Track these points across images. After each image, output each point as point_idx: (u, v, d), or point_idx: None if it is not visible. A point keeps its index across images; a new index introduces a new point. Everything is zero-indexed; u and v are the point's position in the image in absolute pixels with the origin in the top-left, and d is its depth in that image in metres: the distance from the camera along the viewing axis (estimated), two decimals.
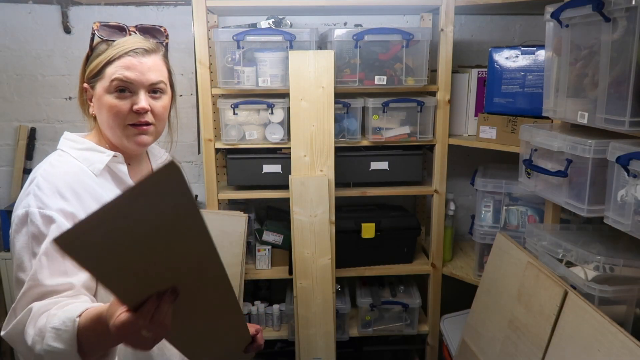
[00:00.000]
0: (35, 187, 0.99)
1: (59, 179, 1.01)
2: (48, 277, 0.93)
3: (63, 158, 1.07)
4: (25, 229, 0.97)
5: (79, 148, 1.09)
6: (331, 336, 1.98)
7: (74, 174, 1.04)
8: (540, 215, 1.93)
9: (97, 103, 1.10)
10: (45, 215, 0.96)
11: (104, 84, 1.07)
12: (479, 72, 2.12)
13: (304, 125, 1.95)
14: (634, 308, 1.35)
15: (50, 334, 0.86)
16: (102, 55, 1.08)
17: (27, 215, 0.97)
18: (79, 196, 1.01)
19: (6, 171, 2.45)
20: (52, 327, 0.86)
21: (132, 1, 2.31)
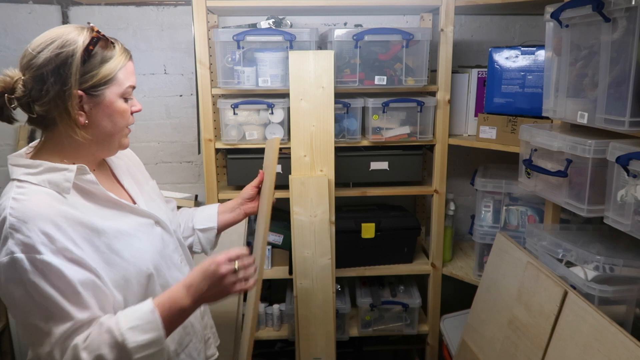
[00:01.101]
0: (10, 230, 0.93)
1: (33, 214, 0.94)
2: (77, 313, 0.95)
3: (25, 189, 0.99)
4: (18, 278, 0.92)
5: (36, 172, 1.01)
6: (331, 336, 1.98)
7: (45, 203, 0.97)
8: (540, 215, 1.93)
9: (103, 110, 1.05)
10: (36, 261, 0.92)
11: (117, 90, 1.06)
12: (479, 72, 2.12)
13: (304, 125, 1.95)
14: (634, 308, 1.35)
15: (132, 334, 0.95)
16: (113, 61, 1.05)
17: (14, 262, 0.92)
18: (57, 226, 0.96)
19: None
20: (129, 327, 0.95)
21: (132, 1, 2.31)
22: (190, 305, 1.03)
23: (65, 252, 0.95)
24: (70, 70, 0.99)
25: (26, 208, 0.95)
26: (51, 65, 0.98)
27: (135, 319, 0.97)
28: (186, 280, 1.04)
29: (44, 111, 1.00)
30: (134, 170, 1.27)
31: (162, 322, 0.99)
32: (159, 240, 1.17)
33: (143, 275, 1.08)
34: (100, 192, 1.07)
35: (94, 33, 1.03)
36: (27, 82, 1.00)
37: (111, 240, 1.04)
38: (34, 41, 1.02)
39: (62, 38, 1.00)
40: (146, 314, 0.98)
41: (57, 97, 0.99)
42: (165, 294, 1.03)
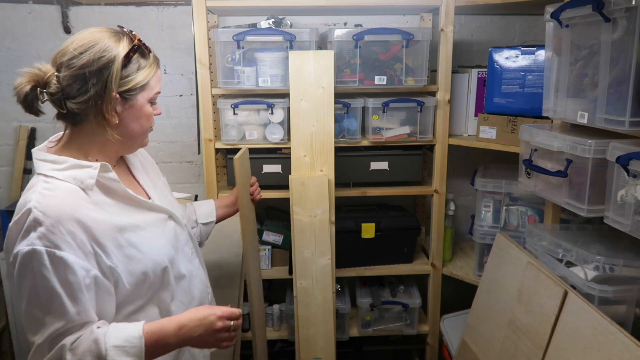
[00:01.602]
0: (33, 223, 0.97)
1: (58, 210, 0.99)
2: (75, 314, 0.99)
3: (51, 184, 1.03)
4: (32, 268, 0.97)
5: (62, 168, 1.06)
6: (331, 336, 1.98)
7: (70, 200, 1.02)
8: (540, 215, 1.93)
9: (134, 113, 1.11)
10: (54, 255, 0.97)
11: (148, 95, 1.12)
12: (479, 72, 2.12)
13: (304, 125, 1.95)
14: (634, 308, 1.35)
15: (115, 352, 0.99)
16: (147, 68, 1.11)
17: (33, 254, 0.96)
18: (81, 224, 1.01)
19: (6, 171, 2.45)
20: (114, 345, 0.99)
21: (132, 1, 2.31)
22: (175, 343, 1.07)
23: (83, 250, 1.00)
24: (111, 73, 1.04)
25: (52, 204, 0.99)
26: (93, 67, 1.03)
27: (123, 340, 1.01)
28: (181, 319, 1.08)
29: (78, 109, 1.06)
30: (147, 167, 1.33)
31: (145, 351, 1.02)
32: (172, 234, 1.22)
33: (159, 268, 1.13)
34: (121, 189, 1.11)
35: (136, 41, 1.09)
36: (62, 79, 1.05)
37: (131, 236, 1.09)
38: (75, 40, 1.06)
39: (105, 42, 1.05)
40: (134, 338, 1.02)
41: (96, 97, 1.04)
42: (157, 324, 1.06)
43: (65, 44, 1.07)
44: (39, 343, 1.00)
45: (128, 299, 1.10)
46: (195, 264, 1.30)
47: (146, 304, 1.15)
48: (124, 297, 1.09)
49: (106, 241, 1.04)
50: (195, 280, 1.27)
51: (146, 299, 1.14)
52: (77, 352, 0.99)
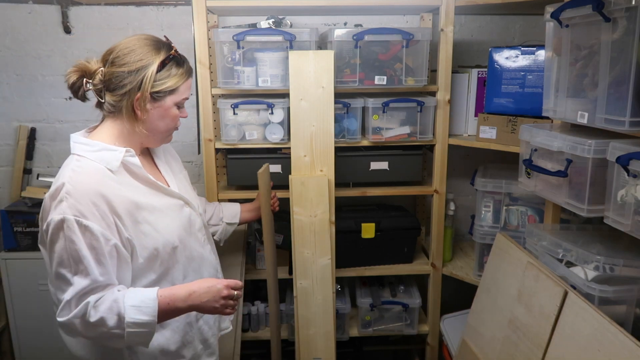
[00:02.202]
0: (65, 194, 1.13)
1: (86, 185, 1.15)
2: (99, 275, 1.14)
3: (83, 162, 1.20)
4: (63, 234, 1.12)
5: (94, 150, 1.22)
6: (331, 336, 1.98)
7: (97, 177, 1.19)
8: (540, 215, 1.93)
9: (161, 112, 1.28)
10: (81, 223, 1.12)
11: (176, 98, 1.29)
12: (479, 72, 2.12)
13: (304, 125, 1.95)
14: (634, 308, 1.35)
15: (132, 310, 1.13)
16: (179, 76, 1.28)
17: (63, 221, 1.12)
18: (105, 198, 1.17)
19: (6, 171, 2.45)
20: (131, 305, 1.13)
21: (132, 1, 2.31)
22: (184, 308, 1.21)
23: (106, 221, 1.16)
24: (146, 75, 1.22)
25: (81, 180, 1.16)
26: (132, 67, 1.22)
27: (139, 300, 1.15)
28: (191, 286, 1.23)
29: (114, 101, 1.23)
30: (170, 160, 1.50)
31: (158, 311, 1.15)
32: (186, 219, 1.38)
33: (169, 246, 1.29)
34: (142, 173, 1.28)
35: (172, 52, 1.28)
36: (106, 74, 1.23)
37: (147, 215, 1.25)
38: (123, 42, 1.26)
39: (146, 48, 1.24)
40: (149, 299, 1.15)
41: (130, 93, 1.22)
42: (170, 289, 1.21)
43: (115, 44, 1.26)
44: (67, 299, 1.13)
45: (142, 272, 1.25)
46: (207, 249, 1.46)
47: (159, 279, 1.29)
48: (138, 270, 1.24)
49: (124, 215, 1.20)
50: (205, 263, 1.43)
51: (158, 275, 1.28)
52: (99, 309, 1.12)
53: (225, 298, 1.23)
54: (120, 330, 1.13)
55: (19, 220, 2.25)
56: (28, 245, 2.27)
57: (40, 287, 2.28)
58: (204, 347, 1.44)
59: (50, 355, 2.36)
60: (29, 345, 2.35)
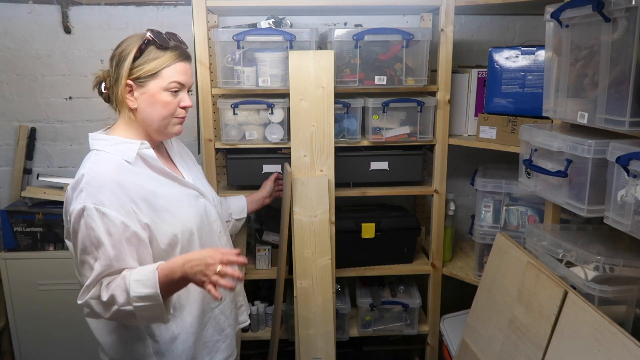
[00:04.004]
0: (85, 185, 1.20)
1: (104, 175, 1.22)
2: (115, 261, 1.20)
3: (101, 156, 1.27)
4: (84, 221, 1.18)
5: (111, 144, 1.29)
6: (331, 336, 1.98)
7: (114, 168, 1.25)
8: (540, 215, 1.93)
9: (147, 99, 1.30)
10: (100, 211, 1.18)
11: (161, 83, 1.30)
12: (479, 72, 2.12)
13: (304, 125, 1.95)
14: (634, 308, 1.35)
15: (135, 285, 1.16)
16: (160, 59, 1.29)
17: (83, 210, 1.18)
18: (122, 187, 1.23)
19: (6, 171, 2.45)
20: (135, 279, 1.17)
21: (132, 1, 2.31)
22: (179, 278, 1.18)
23: (124, 209, 1.21)
24: (125, 64, 1.27)
25: (100, 171, 1.23)
26: (115, 60, 1.29)
27: (141, 275, 1.19)
28: (189, 255, 1.22)
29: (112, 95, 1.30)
30: (185, 156, 1.56)
31: (158, 283, 1.17)
32: (202, 209, 1.43)
33: (188, 232, 1.34)
34: (156, 164, 1.34)
35: (147, 37, 1.28)
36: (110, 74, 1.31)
37: (165, 202, 1.31)
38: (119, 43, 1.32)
39: (132, 39, 1.29)
40: (149, 272, 1.19)
41: (116, 84, 1.29)
42: (168, 263, 1.22)
43: None
44: (88, 284, 1.20)
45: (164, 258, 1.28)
46: (223, 241, 1.52)
47: None
48: (160, 256, 1.28)
49: (142, 202, 1.25)
50: None
51: None
52: (109, 287, 1.19)
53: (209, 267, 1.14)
54: (129, 306, 1.17)
55: (19, 220, 2.26)
56: (28, 245, 2.27)
57: (40, 287, 2.28)
58: (221, 337, 1.48)
59: (50, 355, 2.36)
60: (29, 345, 2.35)
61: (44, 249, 2.28)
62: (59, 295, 2.28)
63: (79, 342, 2.32)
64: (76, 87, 2.39)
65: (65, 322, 2.31)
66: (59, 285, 2.27)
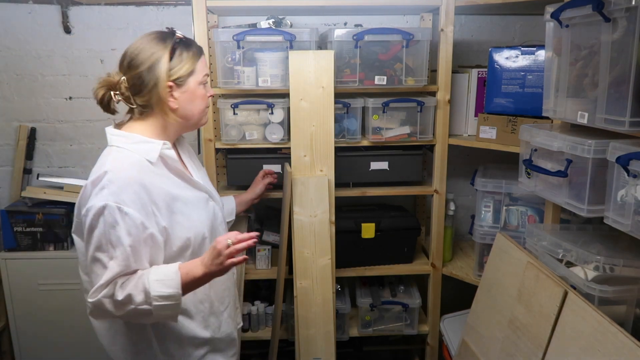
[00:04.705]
0: (107, 182, 1.18)
1: (127, 174, 1.20)
2: (133, 262, 1.19)
3: (122, 154, 1.25)
4: (103, 219, 1.16)
5: (132, 142, 1.27)
6: (331, 336, 1.98)
7: (138, 167, 1.23)
8: (540, 215, 1.93)
9: (188, 96, 1.31)
10: (122, 210, 1.16)
11: (197, 78, 1.32)
12: (479, 72, 2.12)
13: (304, 125, 1.95)
14: (634, 308, 1.35)
15: (156, 284, 1.18)
16: (192, 56, 1.31)
17: (105, 208, 1.16)
18: (145, 187, 1.21)
19: (6, 171, 2.45)
20: (155, 279, 1.18)
21: (132, 1, 2.31)
22: (202, 276, 1.23)
23: (145, 210, 1.20)
24: (162, 67, 1.25)
25: (123, 169, 1.21)
26: (147, 64, 1.25)
27: (162, 274, 1.20)
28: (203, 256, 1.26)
29: (144, 101, 1.27)
30: (192, 156, 1.55)
31: (180, 283, 1.20)
32: (212, 213, 1.44)
33: (200, 236, 1.34)
34: (175, 165, 1.33)
35: (177, 36, 1.30)
36: (128, 81, 1.26)
37: (181, 206, 1.30)
38: (130, 47, 1.28)
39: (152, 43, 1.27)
40: (171, 272, 1.21)
41: (155, 89, 1.26)
42: (187, 263, 1.26)
43: (125, 50, 1.29)
44: (101, 283, 1.17)
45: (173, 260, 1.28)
46: None
47: None
48: (170, 257, 1.28)
49: (162, 205, 1.25)
50: None
51: None
52: (125, 287, 1.18)
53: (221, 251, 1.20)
54: (148, 305, 1.18)
55: (19, 220, 2.26)
56: (28, 245, 2.27)
57: (40, 287, 2.28)
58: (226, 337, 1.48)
59: (50, 355, 2.36)
60: (29, 345, 2.35)
61: (44, 249, 2.28)
62: (59, 295, 2.28)
63: (79, 341, 2.32)
64: (76, 87, 2.39)
65: (65, 322, 2.31)
66: (59, 285, 2.27)
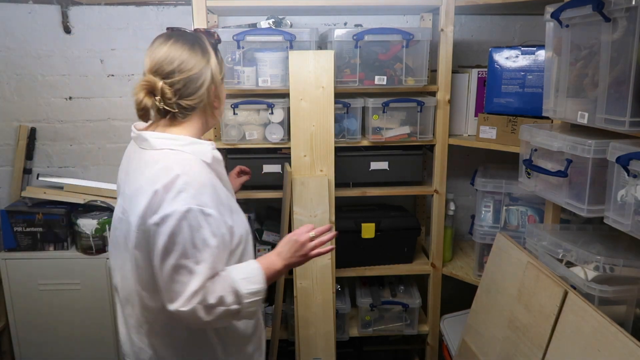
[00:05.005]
0: (184, 185, 1.12)
1: (200, 175, 1.17)
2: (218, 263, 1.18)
3: (182, 156, 1.19)
4: (188, 223, 1.12)
5: (184, 144, 1.21)
6: (331, 336, 1.98)
7: (204, 168, 1.20)
8: (540, 215, 1.93)
9: (222, 94, 1.29)
10: (205, 212, 1.13)
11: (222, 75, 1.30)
12: (479, 72, 2.12)
13: (304, 125, 1.95)
14: (634, 308, 1.35)
15: (244, 283, 1.19)
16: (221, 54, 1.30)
17: (188, 212, 1.12)
18: (214, 188, 1.20)
19: (6, 171, 2.45)
20: (241, 278, 1.19)
21: (132, 1, 2.31)
22: (282, 268, 1.29)
23: (219, 210, 1.18)
24: (213, 66, 1.23)
25: (194, 171, 1.16)
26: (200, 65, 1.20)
27: (246, 273, 1.21)
28: (276, 249, 1.31)
29: (194, 103, 1.22)
30: None
31: (264, 278, 1.23)
32: None
33: (246, 233, 1.33)
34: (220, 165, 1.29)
35: (216, 35, 1.29)
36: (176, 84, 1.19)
37: (233, 203, 1.29)
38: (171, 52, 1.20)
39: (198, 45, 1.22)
40: (254, 269, 1.23)
41: (210, 88, 1.23)
42: (261, 258, 1.29)
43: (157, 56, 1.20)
44: (194, 290, 1.13)
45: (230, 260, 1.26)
46: None
47: None
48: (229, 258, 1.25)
49: (226, 204, 1.23)
50: None
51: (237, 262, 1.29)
52: (214, 290, 1.15)
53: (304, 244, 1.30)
54: (238, 305, 1.18)
55: (19, 220, 2.25)
56: (28, 245, 2.27)
57: (40, 287, 2.28)
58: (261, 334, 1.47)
59: (50, 355, 2.36)
60: (29, 345, 2.35)
61: (44, 249, 2.28)
62: (59, 295, 2.28)
63: (79, 341, 2.32)
64: (76, 87, 2.39)
65: (65, 322, 2.31)
66: (59, 285, 2.27)
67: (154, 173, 1.14)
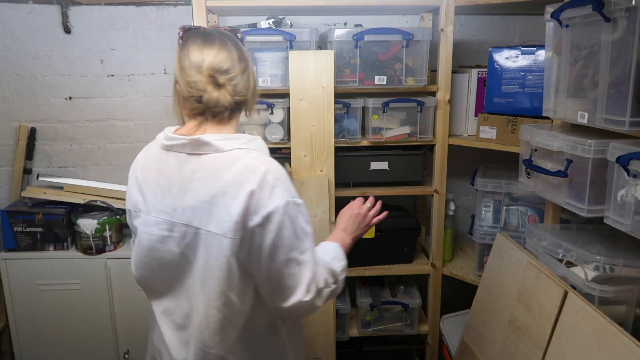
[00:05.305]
0: (276, 181, 1.12)
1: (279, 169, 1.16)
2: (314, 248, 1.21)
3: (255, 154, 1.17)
4: (288, 217, 1.12)
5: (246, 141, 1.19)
6: (331, 336, 1.98)
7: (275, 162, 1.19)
8: (540, 215, 1.93)
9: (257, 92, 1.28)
10: (298, 203, 1.15)
11: None
12: (479, 72, 2.12)
13: (304, 125, 1.95)
14: (634, 308, 1.35)
15: (334, 262, 1.28)
16: None
17: (289, 204, 1.12)
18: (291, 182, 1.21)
19: (6, 171, 2.45)
20: (330, 258, 1.29)
21: (132, 1, 2.31)
22: (351, 242, 1.42)
23: None
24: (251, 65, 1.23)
25: (276, 166, 1.15)
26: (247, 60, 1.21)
27: (332, 252, 1.31)
28: (339, 226, 1.43)
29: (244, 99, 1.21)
30: None
31: (344, 253, 1.35)
32: None
33: None
34: None
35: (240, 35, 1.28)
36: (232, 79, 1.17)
37: None
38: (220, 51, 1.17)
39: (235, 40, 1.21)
40: (335, 248, 1.33)
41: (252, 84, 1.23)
42: (332, 236, 1.40)
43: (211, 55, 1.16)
44: (309, 277, 1.16)
45: None
46: None
47: None
48: None
49: None
50: None
51: None
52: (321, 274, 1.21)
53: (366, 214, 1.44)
54: (335, 284, 1.25)
55: (19, 220, 2.25)
56: (28, 245, 2.27)
57: (40, 287, 2.28)
58: None
59: (50, 355, 2.36)
60: (29, 345, 2.35)
61: (44, 249, 2.28)
62: (59, 295, 2.28)
63: (79, 341, 2.32)
64: (76, 87, 2.39)
65: (65, 322, 2.31)
66: (59, 286, 2.27)
67: (237, 174, 1.10)
